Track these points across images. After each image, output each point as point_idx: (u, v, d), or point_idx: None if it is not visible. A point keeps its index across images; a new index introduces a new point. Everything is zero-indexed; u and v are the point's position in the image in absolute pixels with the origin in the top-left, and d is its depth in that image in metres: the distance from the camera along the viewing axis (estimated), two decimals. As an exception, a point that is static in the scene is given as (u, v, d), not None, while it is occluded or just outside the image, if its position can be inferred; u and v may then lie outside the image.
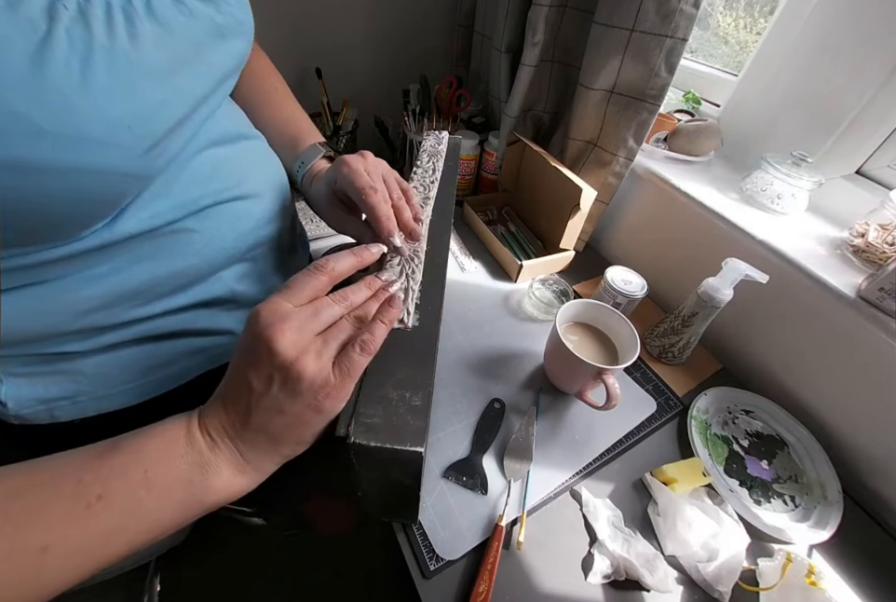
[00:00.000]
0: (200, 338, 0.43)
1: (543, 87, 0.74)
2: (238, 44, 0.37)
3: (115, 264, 0.33)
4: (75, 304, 0.33)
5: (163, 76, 0.28)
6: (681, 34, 0.54)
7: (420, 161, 0.49)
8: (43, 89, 0.23)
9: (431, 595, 0.42)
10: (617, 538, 0.45)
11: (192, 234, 0.36)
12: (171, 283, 0.37)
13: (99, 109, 0.25)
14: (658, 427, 0.57)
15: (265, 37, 0.85)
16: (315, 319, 0.27)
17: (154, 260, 0.34)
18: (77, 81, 0.24)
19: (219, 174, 0.37)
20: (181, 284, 0.38)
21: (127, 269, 0.33)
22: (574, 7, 0.64)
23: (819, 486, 0.52)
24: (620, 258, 0.82)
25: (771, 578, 0.43)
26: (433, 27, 0.96)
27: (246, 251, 0.42)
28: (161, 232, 0.34)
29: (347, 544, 1.07)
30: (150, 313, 0.37)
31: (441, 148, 0.52)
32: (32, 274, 0.30)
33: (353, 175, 0.38)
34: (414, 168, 0.48)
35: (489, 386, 0.59)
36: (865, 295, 0.48)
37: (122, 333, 0.37)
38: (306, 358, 0.26)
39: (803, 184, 0.57)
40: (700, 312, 0.57)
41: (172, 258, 0.35)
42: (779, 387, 0.62)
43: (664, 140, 0.72)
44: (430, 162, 0.49)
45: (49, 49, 0.23)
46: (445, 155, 0.51)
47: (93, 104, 0.25)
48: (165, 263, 0.35)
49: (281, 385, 0.26)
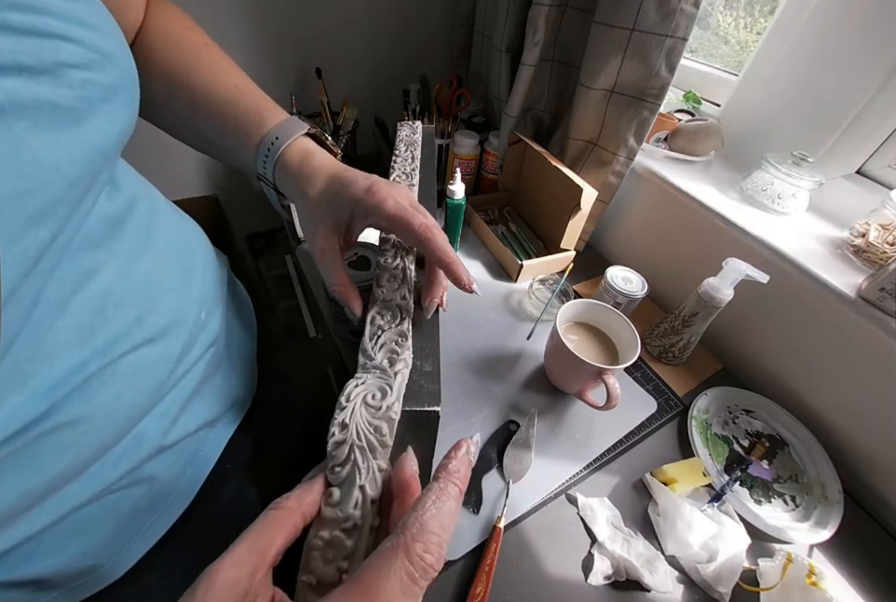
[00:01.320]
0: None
1: (543, 86, 0.73)
2: (120, 111, 0.24)
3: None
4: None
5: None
6: (681, 34, 0.54)
7: (398, 151, 0.50)
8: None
9: (431, 595, 0.42)
10: (616, 538, 0.45)
11: (75, 426, 0.24)
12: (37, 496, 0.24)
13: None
14: (658, 427, 0.57)
15: (266, 36, 0.86)
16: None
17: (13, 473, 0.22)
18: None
19: (107, 314, 0.25)
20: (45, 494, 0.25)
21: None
22: (574, 7, 0.64)
23: (819, 486, 0.52)
24: (620, 258, 0.82)
25: (772, 578, 0.43)
26: (433, 27, 0.96)
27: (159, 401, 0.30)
28: (22, 440, 0.22)
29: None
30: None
31: (416, 137, 0.53)
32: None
33: (402, 212, 0.31)
34: (394, 157, 0.49)
35: (489, 386, 0.59)
36: (866, 295, 0.48)
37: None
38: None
39: (803, 184, 0.57)
40: (701, 312, 0.57)
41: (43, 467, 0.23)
42: (779, 386, 0.62)
43: (664, 139, 0.72)
44: (408, 151, 0.50)
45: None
46: (421, 143, 0.52)
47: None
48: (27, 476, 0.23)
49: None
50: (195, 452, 0.36)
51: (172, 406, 0.32)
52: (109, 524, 0.29)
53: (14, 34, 0.18)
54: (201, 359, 0.34)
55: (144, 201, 0.32)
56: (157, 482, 0.32)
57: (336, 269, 0.34)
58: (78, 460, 0.25)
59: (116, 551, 0.31)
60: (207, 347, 0.35)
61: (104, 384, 0.25)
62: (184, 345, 0.31)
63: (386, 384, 0.27)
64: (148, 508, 0.32)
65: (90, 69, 0.21)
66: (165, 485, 0.33)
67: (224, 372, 0.38)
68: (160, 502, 0.33)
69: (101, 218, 0.25)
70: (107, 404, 0.25)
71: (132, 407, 0.27)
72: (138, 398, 0.28)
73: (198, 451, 0.37)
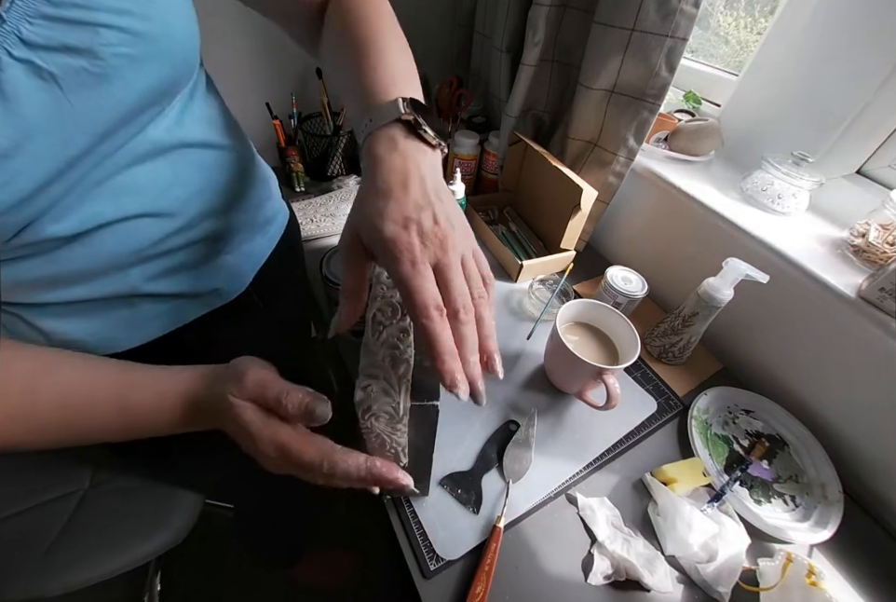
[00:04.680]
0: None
1: (543, 86, 0.73)
2: (148, 72, 0.31)
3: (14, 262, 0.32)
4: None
5: (4, 157, 0.25)
6: (681, 34, 0.54)
7: None
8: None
9: (431, 594, 0.42)
10: (616, 538, 0.45)
11: (80, 246, 0.34)
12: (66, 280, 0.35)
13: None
14: (658, 427, 0.57)
15: (267, 36, 0.85)
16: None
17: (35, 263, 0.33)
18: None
19: (130, 191, 0.34)
20: (76, 280, 0.36)
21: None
22: (574, 7, 0.64)
23: (819, 486, 0.52)
24: (620, 258, 0.82)
25: (771, 578, 0.43)
26: (433, 27, 0.96)
27: (147, 256, 0.38)
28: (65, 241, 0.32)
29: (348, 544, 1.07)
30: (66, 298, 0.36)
31: None
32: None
33: (401, 269, 0.26)
34: None
35: (489, 386, 0.58)
36: (866, 295, 0.48)
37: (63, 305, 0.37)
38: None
39: (803, 184, 0.57)
40: (701, 312, 0.57)
41: (54, 264, 0.33)
42: (779, 386, 0.62)
43: (664, 140, 0.72)
44: None
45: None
46: None
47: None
48: (46, 267, 0.33)
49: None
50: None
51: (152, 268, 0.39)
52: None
53: (68, 25, 0.26)
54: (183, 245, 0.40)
55: (209, 145, 0.40)
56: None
57: (351, 275, 0.30)
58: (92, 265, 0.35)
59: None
60: (191, 241, 0.41)
61: (101, 232, 0.34)
62: (165, 230, 0.38)
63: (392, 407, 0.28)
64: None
65: (121, 46, 0.28)
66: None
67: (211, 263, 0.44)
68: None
69: (148, 144, 0.34)
70: (98, 244, 0.34)
71: (109, 257, 0.36)
72: (116, 251, 0.36)
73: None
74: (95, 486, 0.69)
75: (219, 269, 0.45)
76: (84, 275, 0.36)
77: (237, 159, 0.44)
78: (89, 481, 0.70)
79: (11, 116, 0.25)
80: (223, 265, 0.45)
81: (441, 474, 0.49)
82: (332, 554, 1.04)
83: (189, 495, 0.70)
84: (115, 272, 0.37)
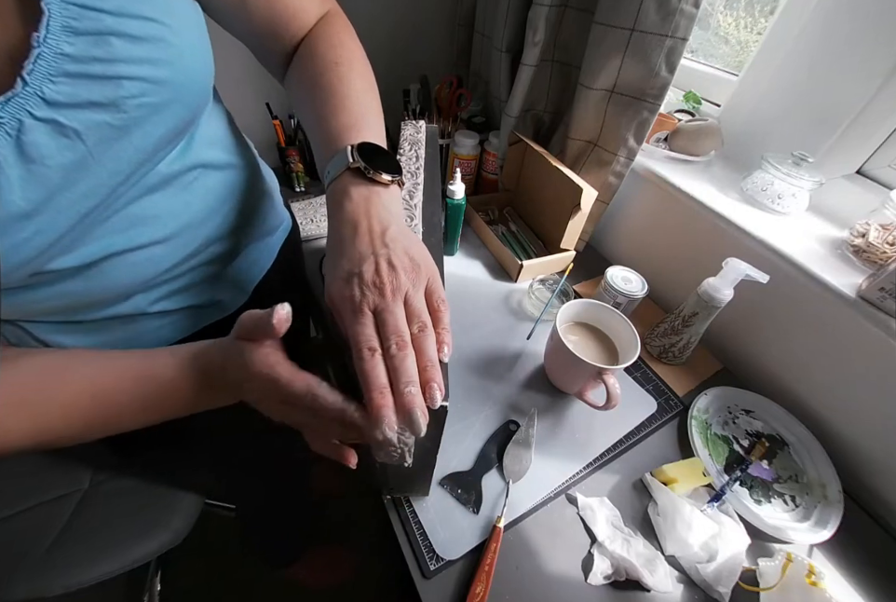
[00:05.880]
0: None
1: (543, 86, 0.73)
2: (167, 117, 0.31)
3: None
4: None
5: (26, 218, 0.26)
6: (681, 34, 0.54)
7: (402, 150, 0.50)
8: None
9: (431, 594, 0.42)
10: (616, 538, 0.45)
11: (85, 279, 0.34)
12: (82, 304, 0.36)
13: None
14: (658, 427, 0.57)
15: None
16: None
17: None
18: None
19: (139, 222, 0.34)
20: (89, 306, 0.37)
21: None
22: (574, 7, 0.64)
23: (819, 486, 0.52)
24: (620, 258, 0.82)
25: (771, 578, 0.43)
26: (433, 27, 0.96)
27: (154, 283, 0.39)
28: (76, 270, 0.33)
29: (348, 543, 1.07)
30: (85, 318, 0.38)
31: (420, 137, 0.53)
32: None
33: (345, 318, 0.30)
34: (398, 156, 0.49)
35: (489, 386, 0.59)
36: (866, 295, 0.48)
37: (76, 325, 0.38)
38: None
39: (803, 184, 0.57)
40: (701, 312, 0.57)
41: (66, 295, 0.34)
42: (779, 387, 0.62)
43: (664, 140, 0.72)
44: (413, 150, 0.50)
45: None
46: (425, 142, 0.52)
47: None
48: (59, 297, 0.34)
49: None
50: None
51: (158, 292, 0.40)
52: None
53: (90, 80, 0.26)
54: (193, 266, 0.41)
55: (216, 165, 0.40)
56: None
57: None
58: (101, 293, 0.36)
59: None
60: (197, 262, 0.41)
61: (108, 264, 0.34)
62: (169, 254, 0.38)
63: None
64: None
65: (143, 96, 0.28)
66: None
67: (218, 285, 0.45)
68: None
69: (158, 176, 0.34)
70: (111, 274, 0.35)
71: (115, 288, 0.36)
72: (123, 281, 0.36)
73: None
74: (95, 486, 0.69)
75: (222, 284, 0.46)
76: (90, 304, 0.36)
77: (243, 178, 0.44)
78: (89, 481, 0.70)
79: (34, 178, 0.25)
80: (226, 279, 0.46)
81: (441, 474, 0.49)
82: (332, 554, 1.04)
83: (189, 495, 0.70)
84: (121, 300, 0.38)
